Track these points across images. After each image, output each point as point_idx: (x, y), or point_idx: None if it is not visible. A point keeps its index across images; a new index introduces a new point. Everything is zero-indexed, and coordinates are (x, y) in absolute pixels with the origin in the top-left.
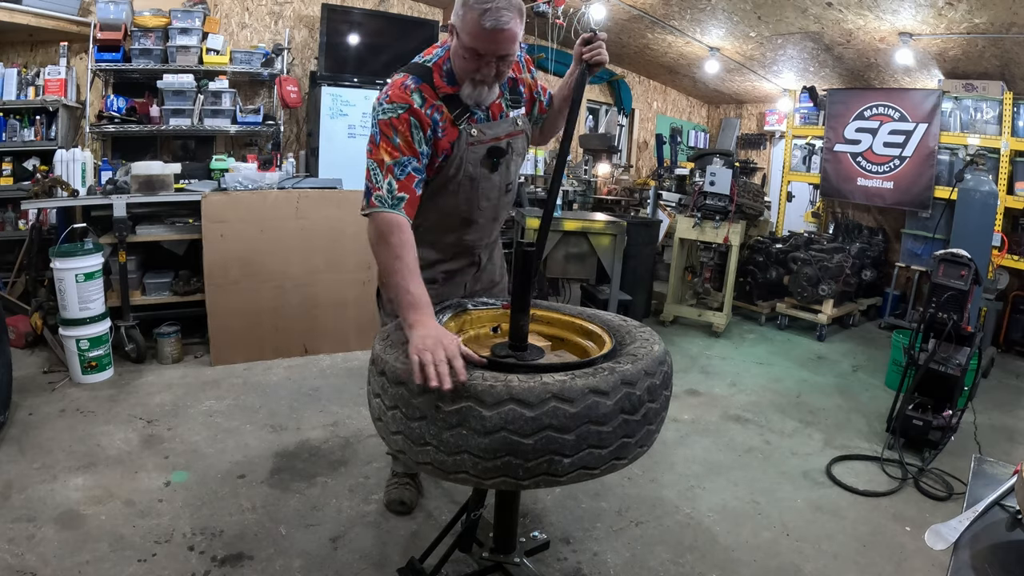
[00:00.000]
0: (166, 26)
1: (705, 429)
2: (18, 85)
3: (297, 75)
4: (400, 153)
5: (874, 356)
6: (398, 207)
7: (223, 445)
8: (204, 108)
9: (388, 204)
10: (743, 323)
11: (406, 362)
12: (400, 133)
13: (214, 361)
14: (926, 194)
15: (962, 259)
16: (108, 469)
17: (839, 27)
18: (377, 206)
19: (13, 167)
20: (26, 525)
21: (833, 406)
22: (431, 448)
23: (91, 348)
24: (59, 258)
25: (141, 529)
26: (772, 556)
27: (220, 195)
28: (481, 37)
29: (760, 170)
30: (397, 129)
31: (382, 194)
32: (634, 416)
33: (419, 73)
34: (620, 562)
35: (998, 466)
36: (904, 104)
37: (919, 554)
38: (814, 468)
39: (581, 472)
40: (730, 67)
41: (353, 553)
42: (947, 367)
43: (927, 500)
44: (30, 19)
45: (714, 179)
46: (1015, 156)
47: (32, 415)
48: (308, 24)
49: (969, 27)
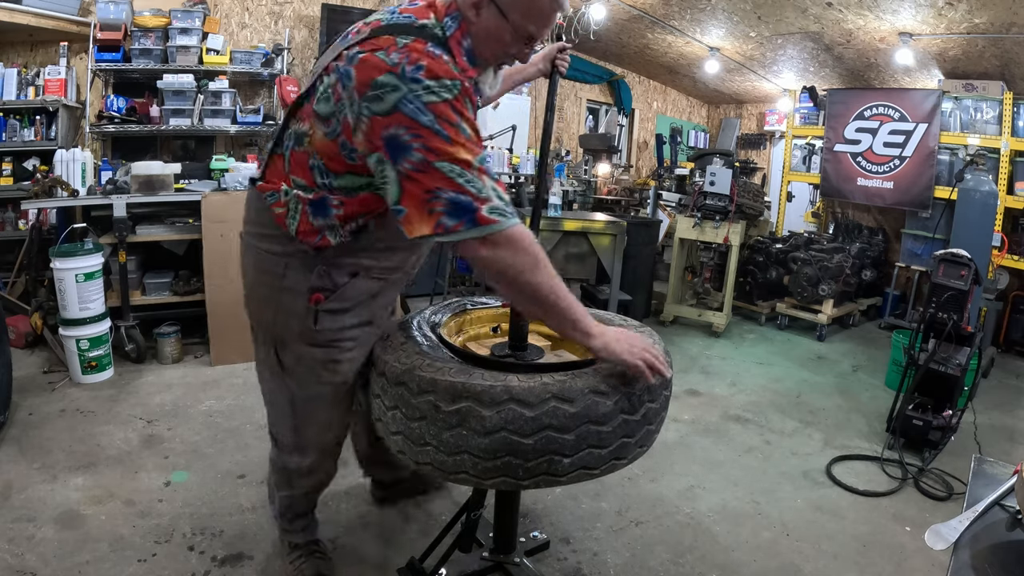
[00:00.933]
0: (166, 26)
1: (705, 429)
2: (18, 85)
3: (297, 75)
4: (476, 147)
5: (874, 356)
6: (515, 214)
7: (223, 445)
8: (204, 108)
9: (509, 213)
10: (743, 323)
11: (404, 362)
12: (466, 119)
13: (214, 361)
14: (926, 194)
15: (962, 259)
16: (108, 469)
17: (839, 27)
18: (501, 220)
19: (13, 167)
20: (26, 525)
21: (833, 406)
22: (431, 448)
23: (91, 348)
24: (59, 258)
25: (141, 529)
26: (772, 556)
27: (220, 195)
28: (543, 16)
29: (760, 170)
30: (462, 114)
31: (495, 204)
32: (634, 416)
33: (438, 43)
34: (620, 562)
35: (998, 466)
36: (904, 104)
37: (919, 554)
38: (814, 468)
39: (581, 472)
40: (730, 67)
41: (353, 553)
42: (947, 367)
43: (927, 500)
44: (30, 19)
45: (714, 179)
46: (1015, 156)
47: (32, 415)
48: (308, 24)
49: (969, 27)
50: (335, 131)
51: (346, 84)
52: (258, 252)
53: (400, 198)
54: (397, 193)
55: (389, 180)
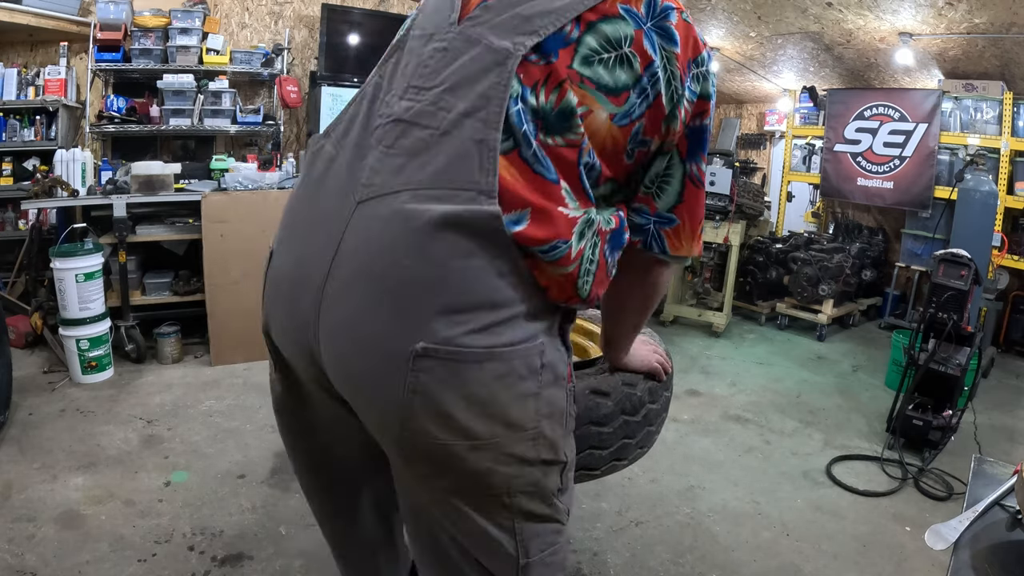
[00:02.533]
0: (166, 26)
1: (705, 429)
2: (18, 85)
3: (297, 75)
4: None
5: (874, 356)
6: None
7: (223, 445)
8: (204, 108)
9: None
10: (743, 323)
11: None
12: None
13: (214, 361)
14: (926, 194)
15: (962, 259)
16: (108, 469)
17: (839, 27)
18: None
19: (13, 167)
20: (26, 525)
21: (833, 406)
22: None
23: (91, 348)
24: (59, 258)
25: (141, 529)
26: (772, 556)
27: (220, 195)
28: None
29: (760, 170)
30: None
31: None
32: (634, 417)
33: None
34: (620, 562)
35: (998, 466)
36: (904, 104)
37: (919, 554)
38: (814, 468)
39: (581, 473)
40: (730, 67)
41: None
42: (947, 367)
43: (927, 500)
44: (30, 19)
45: (714, 179)
46: (1015, 156)
47: (32, 415)
48: (308, 24)
49: (969, 27)
50: (632, 113)
51: (666, 47)
52: (477, 360)
53: (677, 204)
54: (676, 198)
55: (671, 181)
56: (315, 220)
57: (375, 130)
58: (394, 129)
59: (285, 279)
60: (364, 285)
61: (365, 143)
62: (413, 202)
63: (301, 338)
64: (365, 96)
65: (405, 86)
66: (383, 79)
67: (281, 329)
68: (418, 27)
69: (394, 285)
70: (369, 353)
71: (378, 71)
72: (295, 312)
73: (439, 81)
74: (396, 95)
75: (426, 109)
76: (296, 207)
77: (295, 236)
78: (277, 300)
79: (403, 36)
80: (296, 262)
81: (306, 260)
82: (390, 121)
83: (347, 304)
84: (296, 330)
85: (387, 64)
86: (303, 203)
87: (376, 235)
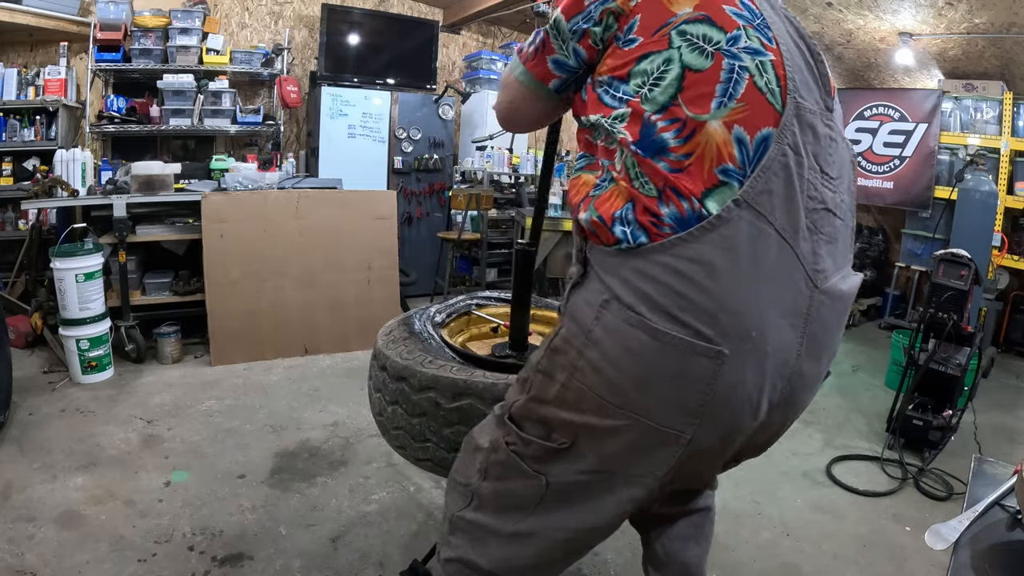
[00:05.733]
0: (166, 26)
1: None
2: (18, 85)
3: (297, 75)
4: None
5: (874, 356)
6: None
7: (223, 445)
8: (204, 108)
9: None
10: None
11: (407, 357)
12: None
13: (214, 361)
14: (926, 194)
15: (962, 259)
16: (108, 469)
17: (839, 27)
18: None
19: (13, 167)
20: (26, 525)
21: (833, 406)
22: (431, 445)
23: (91, 348)
24: (59, 258)
25: (141, 529)
26: (772, 556)
27: (220, 195)
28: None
29: None
30: None
31: None
32: None
33: None
34: (620, 562)
35: (998, 466)
36: (904, 104)
37: (919, 554)
38: (814, 468)
39: None
40: None
41: (353, 553)
42: (947, 367)
43: (927, 500)
44: (30, 19)
45: None
46: (1015, 156)
47: (32, 415)
48: (308, 24)
49: (969, 27)
50: None
51: None
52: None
53: None
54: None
55: None
56: (770, 305)
57: (810, 212)
58: (825, 217)
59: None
60: (824, 361)
61: (799, 224)
62: (841, 284)
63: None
64: (783, 165)
65: (819, 171)
66: (801, 151)
67: (731, 429)
68: (801, 92)
69: (832, 352)
70: (811, 393)
71: (786, 135)
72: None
73: (838, 174)
74: (817, 179)
75: (840, 201)
76: (734, 290)
77: (752, 323)
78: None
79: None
80: (770, 353)
81: (779, 350)
82: (823, 208)
83: (809, 377)
84: (741, 431)
85: (792, 129)
86: (743, 285)
87: (827, 318)
